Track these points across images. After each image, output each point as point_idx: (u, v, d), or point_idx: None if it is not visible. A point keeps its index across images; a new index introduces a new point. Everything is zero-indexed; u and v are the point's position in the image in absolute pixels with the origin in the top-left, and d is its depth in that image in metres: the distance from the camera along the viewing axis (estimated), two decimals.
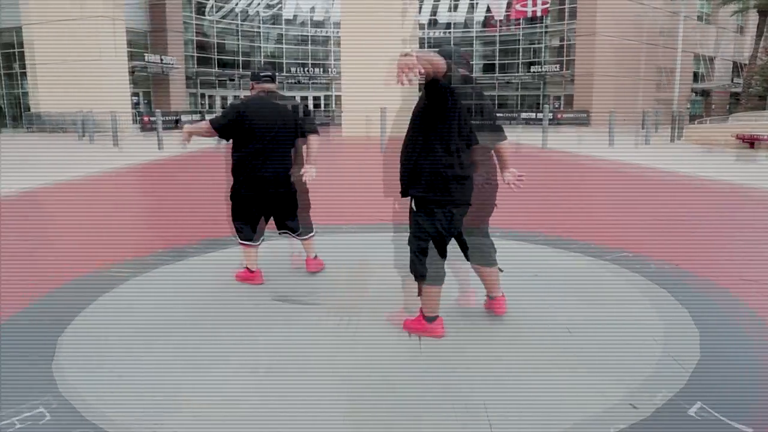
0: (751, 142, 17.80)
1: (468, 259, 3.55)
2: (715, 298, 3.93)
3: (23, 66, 32.27)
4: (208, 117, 29.45)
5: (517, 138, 22.80)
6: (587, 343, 3.21)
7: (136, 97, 35.04)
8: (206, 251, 5.30)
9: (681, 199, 8.33)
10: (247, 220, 4.23)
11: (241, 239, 4.26)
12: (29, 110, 31.56)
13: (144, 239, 5.88)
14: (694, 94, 44.11)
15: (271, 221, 4.43)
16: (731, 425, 2.41)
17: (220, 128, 4.08)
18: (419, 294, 3.30)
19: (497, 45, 42.93)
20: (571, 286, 4.20)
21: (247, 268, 4.32)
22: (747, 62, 37.41)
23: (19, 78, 35.00)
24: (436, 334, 3.27)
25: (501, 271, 3.62)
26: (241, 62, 42.19)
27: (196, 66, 39.57)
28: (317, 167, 4.38)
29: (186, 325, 3.52)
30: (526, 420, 2.46)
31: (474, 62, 43.09)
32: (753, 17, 38.82)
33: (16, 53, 34.17)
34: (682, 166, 12.56)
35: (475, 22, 43.10)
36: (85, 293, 4.11)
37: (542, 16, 40.31)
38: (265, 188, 4.14)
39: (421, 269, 3.20)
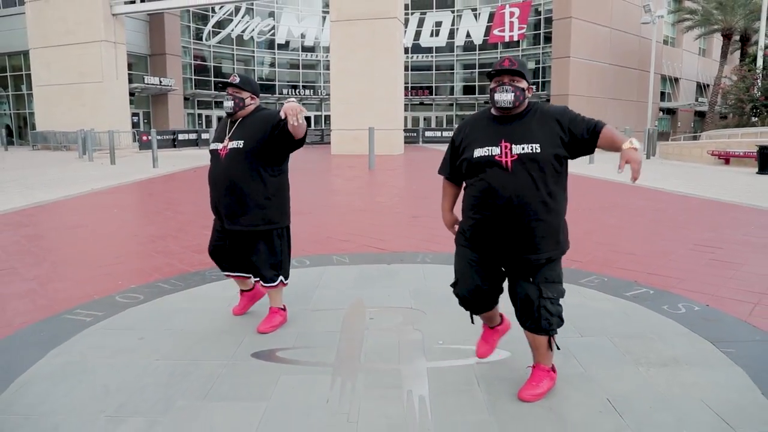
0: (726, 158, 17.23)
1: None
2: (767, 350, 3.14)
3: (30, 87, 31.47)
4: (205, 135, 28.81)
5: None
6: (638, 427, 2.37)
7: (136, 117, 34.20)
8: (183, 287, 4.43)
9: (681, 220, 7.58)
10: None
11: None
12: (35, 129, 30.73)
13: (118, 272, 4.99)
14: (661, 112, 43.83)
15: None
16: None
17: None
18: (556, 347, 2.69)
19: (477, 68, 42.39)
20: (598, 338, 3.36)
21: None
22: (711, 83, 37.17)
23: (26, 99, 34.35)
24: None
25: None
26: None
27: (193, 88, 38.74)
28: None
29: (148, 396, 2.65)
30: None
31: (455, 84, 42.61)
32: (716, 41, 38.72)
33: (24, 75, 33.51)
34: (664, 183, 11.87)
35: (455, 47, 42.60)
36: (34, 346, 3.23)
37: (519, 41, 39.82)
38: None
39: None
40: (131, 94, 31.81)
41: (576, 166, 16.18)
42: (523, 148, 2.41)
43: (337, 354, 3.12)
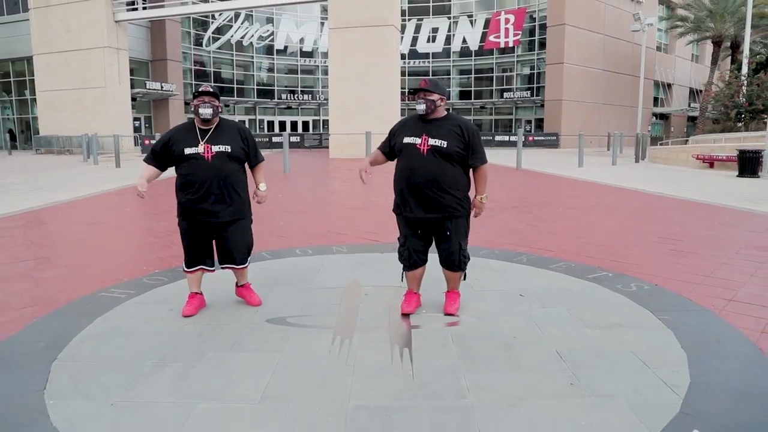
0: (710, 162, 17.90)
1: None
2: (696, 319, 3.75)
3: (33, 93, 32.16)
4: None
5: (494, 159, 22.83)
6: (579, 370, 2.98)
7: (138, 121, 34.82)
8: None
9: (652, 218, 8.22)
10: None
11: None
12: (38, 133, 31.36)
13: (142, 260, 5.61)
14: (654, 117, 44.60)
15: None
16: None
17: None
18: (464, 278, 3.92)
19: (473, 73, 43.15)
20: (556, 308, 4.00)
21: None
22: (702, 88, 37.94)
23: (29, 104, 35.01)
24: None
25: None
26: (236, 89, 42.09)
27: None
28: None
29: (183, 350, 3.28)
30: None
31: (451, 89, 43.35)
32: (709, 48, 39.51)
33: (27, 81, 34.18)
34: (645, 185, 12.51)
35: (452, 53, 43.35)
36: (82, 316, 3.85)
37: (514, 47, 40.59)
38: None
39: None
40: (133, 99, 32.47)
41: (564, 169, 16.85)
42: (435, 141, 3.51)
43: (337, 319, 3.76)
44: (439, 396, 2.71)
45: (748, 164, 15.06)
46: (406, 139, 3.60)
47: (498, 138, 36.85)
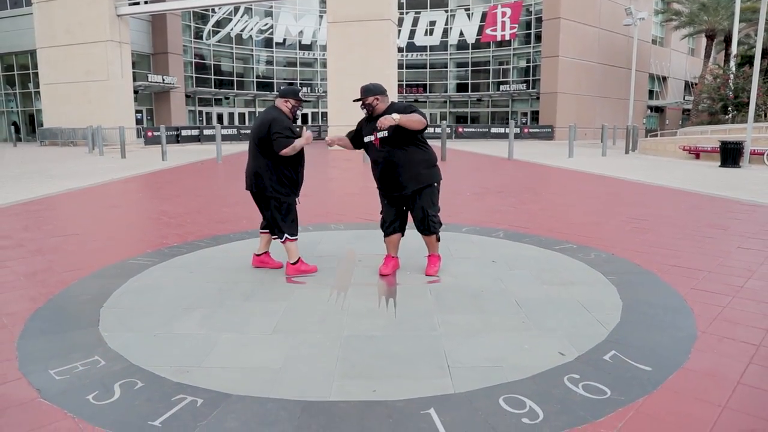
0: (696, 153, 18.55)
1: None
2: (640, 279, 4.44)
3: (37, 85, 32.74)
4: (208, 131, 29.84)
5: (488, 150, 23.46)
6: (531, 313, 3.66)
7: (140, 114, 35.40)
8: (216, 244, 5.74)
9: (626, 202, 8.90)
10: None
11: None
12: (42, 126, 31.94)
13: (161, 235, 6.27)
14: (650, 110, 45.23)
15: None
16: (635, 365, 2.89)
17: None
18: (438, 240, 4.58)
19: (470, 66, 43.75)
20: (522, 270, 4.69)
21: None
22: (696, 81, 38.55)
23: (33, 97, 35.57)
24: None
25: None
26: (235, 82, 42.67)
27: (194, 85, 39.93)
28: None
29: (208, 300, 3.94)
30: (478, 364, 2.93)
31: (449, 81, 43.95)
32: (704, 41, 40.06)
33: (31, 74, 34.74)
34: (629, 174, 13.19)
35: (449, 46, 43.90)
36: (117, 277, 4.53)
37: (510, 40, 41.15)
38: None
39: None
40: (135, 91, 33.02)
41: (554, 160, 17.48)
42: (381, 134, 4.26)
43: (336, 277, 4.45)
44: (415, 329, 3.39)
45: (729, 155, 15.73)
46: (366, 138, 4.43)
47: (494, 130, 37.48)
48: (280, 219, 4.51)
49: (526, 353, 3.06)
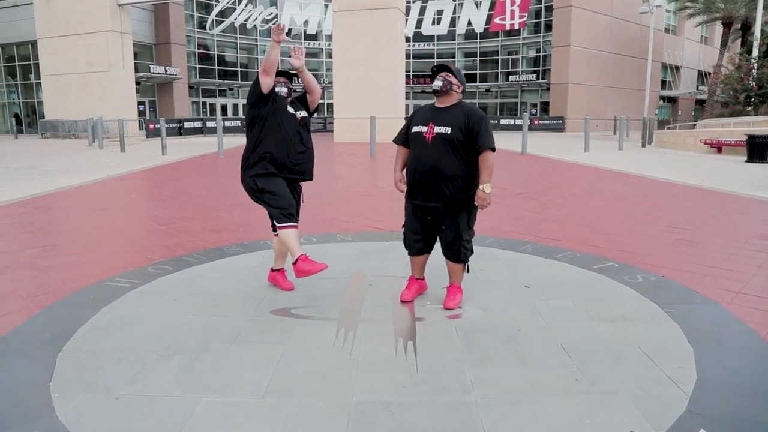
0: (718, 147, 17.73)
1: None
2: (703, 312, 3.72)
3: (38, 77, 32.14)
4: (212, 123, 29.15)
5: (498, 143, 22.66)
6: (584, 365, 2.95)
7: (142, 105, 34.76)
8: (207, 260, 5.05)
9: (659, 204, 8.16)
10: None
11: None
12: (43, 118, 31.37)
13: (147, 248, 5.60)
14: (662, 100, 44.19)
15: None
16: None
17: None
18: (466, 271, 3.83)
19: (478, 56, 42.80)
20: (561, 300, 3.97)
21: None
22: (711, 71, 37.50)
23: (34, 88, 34.99)
24: None
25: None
26: (239, 73, 41.87)
27: (198, 76, 39.22)
28: None
29: (189, 341, 3.26)
30: None
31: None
32: (718, 29, 38.97)
33: (32, 65, 34.15)
34: (652, 171, 12.41)
35: (457, 35, 42.94)
36: (88, 306, 3.85)
37: (520, 29, 40.15)
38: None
39: None
40: (137, 83, 32.37)
41: (570, 154, 16.74)
42: (440, 129, 3.51)
43: (341, 310, 3.75)
44: (444, 391, 2.69)
45: (757, 150, 14.90)
46: (415, 129, 3.64)
47: (503, 122, 36.58)
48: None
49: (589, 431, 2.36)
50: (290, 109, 3.96)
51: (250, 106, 3.90)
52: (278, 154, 3.85)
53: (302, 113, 4.08)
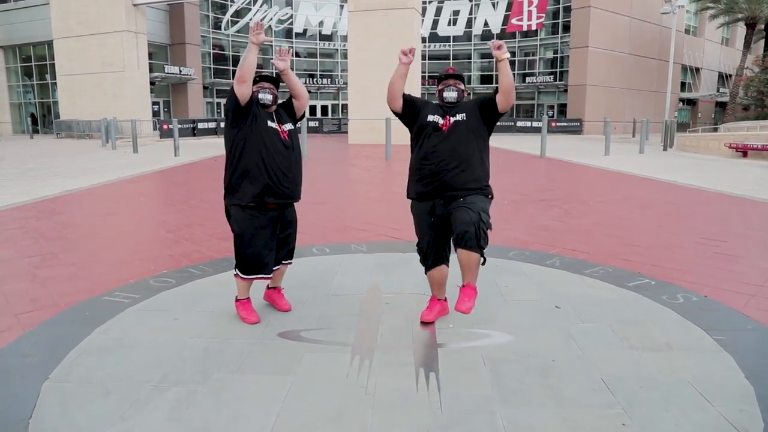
0: (744, 151, 17.17)
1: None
2: (758, 340, 3.34)
3: (54, 77, 32.23)
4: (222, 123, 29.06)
5: (516, 145, 22.21)
6: (631, 406, 2.60)
7: (157, 105, 34.73)
8: (212, 272, 4.75)
9: (690, 213, 7.75)
10: None
11: None
12: (59, 118, 31.44)
13: (151, 257, 5.32)
14: (681, 103, 43.40)
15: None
16: None
17: None
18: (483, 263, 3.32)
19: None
20: (597, 324, 3.61)
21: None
22: (733, 73, 36.71)
23: (50, 88, 35.13)
24: None
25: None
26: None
27: (212, 77, 39.12)
28: None
29: (188, 369, 2.95)
30: None
31: (472, 73, 42.52)
32: (740, 30, 38.16)
33: (48, 65, 34.27)
34: (677, 176, 11.95)
35: (473, 36, 42.47)
36: (82, 324, 3.56)
37: (537, 30, 39.60)
38: None
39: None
40: (152, 83, 32.33)
41: (590, 158, 16.30)
42: (457, 117, 3.41)
43: (356, 334, 3.41)
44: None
45: None
46: (430, 117, 3.47)
47: (519, 124, 36.09)
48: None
49: None
50: (272, 124, 3.47)
51: (231, 124, 3.45)
52: (260, 181, 3.42)
53: (288, 125, 3.58)
